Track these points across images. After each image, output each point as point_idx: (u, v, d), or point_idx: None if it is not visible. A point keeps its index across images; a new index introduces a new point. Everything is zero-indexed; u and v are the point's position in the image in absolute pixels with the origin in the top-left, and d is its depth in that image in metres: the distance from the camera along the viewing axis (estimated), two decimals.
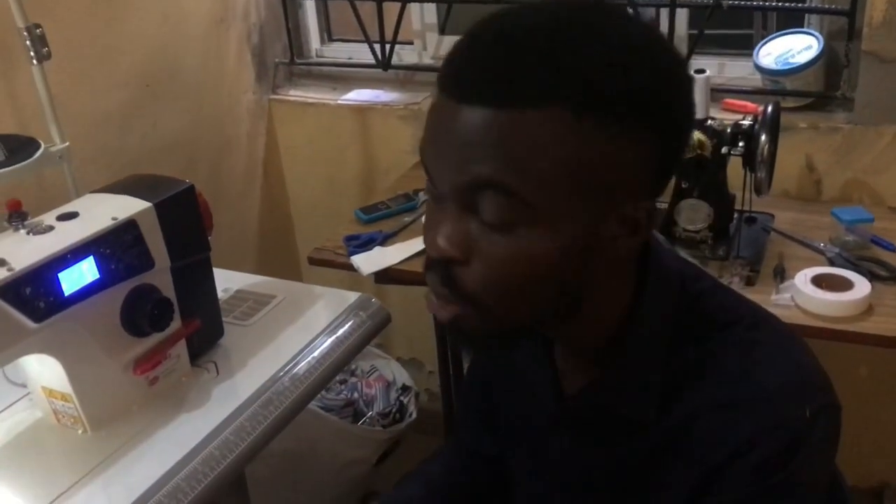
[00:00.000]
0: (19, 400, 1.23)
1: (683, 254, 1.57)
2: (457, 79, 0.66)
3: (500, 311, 0.70)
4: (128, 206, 1.16)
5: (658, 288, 0.75)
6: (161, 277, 1.19)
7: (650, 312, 0.75)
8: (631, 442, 0.77)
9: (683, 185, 1.63)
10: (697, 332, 0.74)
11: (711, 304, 0.76)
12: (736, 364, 0.72)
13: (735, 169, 1.58)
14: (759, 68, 1.87)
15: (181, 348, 1.25)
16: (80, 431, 1.16)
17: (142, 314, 1.15)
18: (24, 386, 1.22)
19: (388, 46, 2.18)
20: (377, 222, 1.86)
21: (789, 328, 0.79)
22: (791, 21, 1.97)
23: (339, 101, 2.27)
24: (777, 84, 1.86)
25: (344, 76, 2.37)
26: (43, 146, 1.45)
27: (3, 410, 1.22)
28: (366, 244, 1.76)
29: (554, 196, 0.65)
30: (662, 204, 1.69)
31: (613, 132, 0.64)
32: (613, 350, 0.76)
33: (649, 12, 2.13)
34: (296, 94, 2.35)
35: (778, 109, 1.56)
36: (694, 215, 1.62)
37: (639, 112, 0.64)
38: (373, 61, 2.22)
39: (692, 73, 1.57)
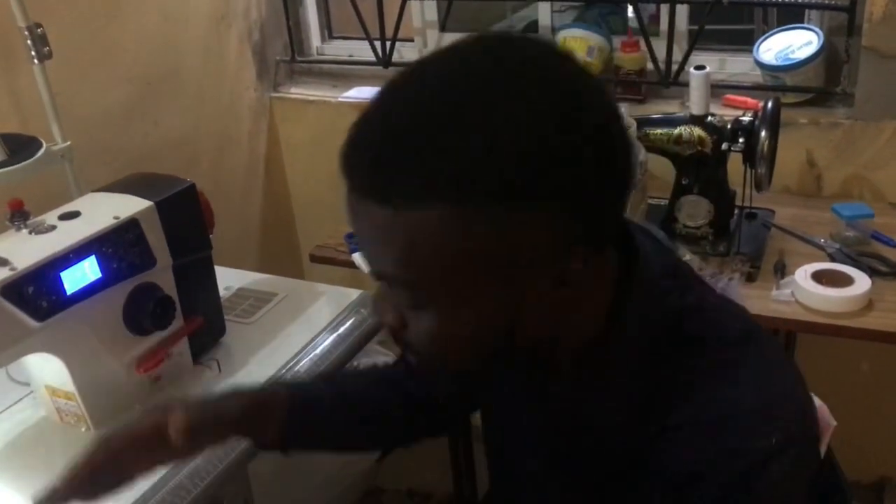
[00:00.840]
0: (23, 398, 1.24)
1: (683, 250, 1.59)
2: (346, 171, 0.66)
3: (448, 364, 0.74)
4: (129, 205, 1.16)
5: (637, 308, 0.73)
6: (163, 276, 1.19)
7: (628, 330, 0.73)
8: (605, 451, 0.77)
9: (684, 182, 1.63)
10: (678, 349, 0.73)
11: (696, 320, 0.74)
12: (710, 384, 0.71)
13: (735, 165, 1.58)
14: (759, 64, 1.87)
15: (183, 346, 1.26)
16: (83, 429, 1.17)
17: (144, 312, 1.16)
18: (28, 384, 1.22)
19: (388, 44, 2.18)
20: None
21: (777, 348, 0.77)
22: (791, 17, 1.97)
23: (340, 99, 2.27)
24: (777, 80, 1.86)
25: (345, 73, 2.37)
26: (45, 145, 1.45)
27: (6, 409, 1.23)
28: None
29: (454, 284, 0.65)
30: (663, 201, 1.70)
31: (501, 219, 0.61)
32: (594, 361, 0.75)
33: (650, 9, 2.13)
34: (297, 91, 2.36)
35: (778, 105, 1.56)
36: (694, 211, 1.63)
37: (529, 195, 0.61)
38: (373, 59, 2.22)
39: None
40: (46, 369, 1.14)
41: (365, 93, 2.27)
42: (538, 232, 0.63)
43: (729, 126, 1.56)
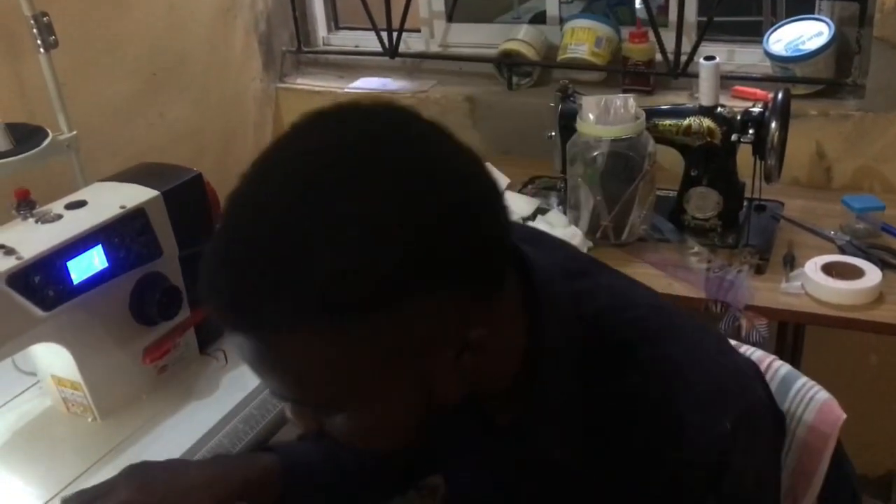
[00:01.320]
0: (29, 388, 1.24)
1: (692, 242, 1.58)
2: (209, 306, 0.62)
3: (374, 452, 0.73)
4: (136, 195, 1.16)
5: (550, 334, 0.72)
6: (169, 266, 1.19)
7: (548, 358, 0.72)
8: (559, 479, 0.76)
9: (693, 173, 1.62)
10: (606, 361, 0.72)
11: (611, 323, 0.73)
12: (651, 393, 0.70)
13: (745, 156, 1.57)
14: (769, 55, 1.86)
15: (190, 337, 1.25)
16: (89, 420, 1.17)
17: (150, 303, 1.15)
18: (34, 374, 1.22)
19: (395, 34, 2.17)
20: None
21: (693, 327, 0.76)
22: (801, 7, 1.95)
23: (347, 90, 2.26)
24: (787, 71, 1.85)
25: (351, 64, 2.36)
26: (51, 135, 1.45)
27: (12, 399, 1.23)
28: None
29: (353, 391, 0.63)
30: (671, 192, 1.69)
31: (381, 322, 0.59)
32: (525, 394, 0.74)
33: (658, 0, 2.12)
34: (303, 82, 2.35)
35: (788, 96, 1.55)
36: (703, 203, 1.62)
37: (402, 293, 0.58)
38: (380, 49, 2.21)
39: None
40: (53, 359, 1.13)
41: (371, 83, 2.26)
42: (422, 321, 0.60)
43: (738, 117, 1.55)
